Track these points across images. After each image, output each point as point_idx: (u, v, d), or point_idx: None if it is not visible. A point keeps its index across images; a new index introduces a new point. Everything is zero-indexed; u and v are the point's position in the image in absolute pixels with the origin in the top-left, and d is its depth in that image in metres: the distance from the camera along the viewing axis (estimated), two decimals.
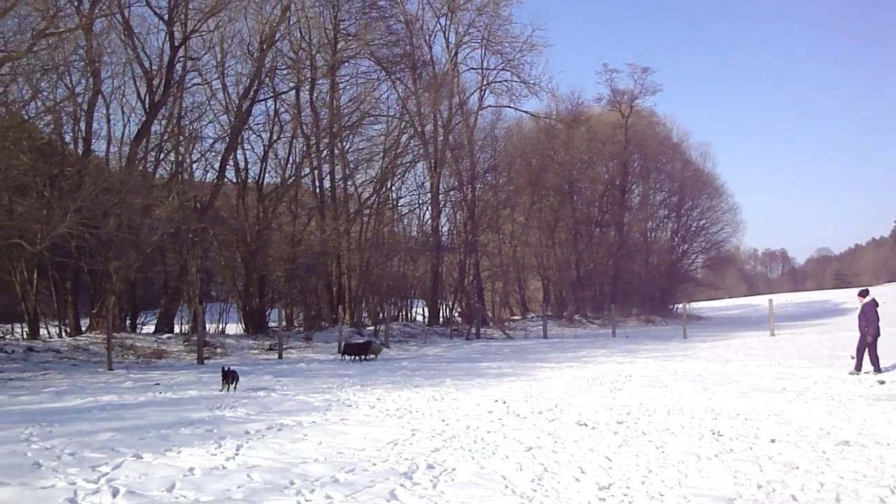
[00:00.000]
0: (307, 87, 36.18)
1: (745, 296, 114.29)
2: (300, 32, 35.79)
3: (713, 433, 10.55)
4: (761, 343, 28.29)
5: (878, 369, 17.08)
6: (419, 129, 42.12)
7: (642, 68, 63.08)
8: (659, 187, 69.94)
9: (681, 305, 49.94)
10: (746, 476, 8.10)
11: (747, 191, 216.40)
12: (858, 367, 17.33)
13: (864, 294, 18.10)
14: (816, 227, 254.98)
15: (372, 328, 35.64)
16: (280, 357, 25.66)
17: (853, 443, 9.70)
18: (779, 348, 25.17)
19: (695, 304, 69.25)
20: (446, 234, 47.67)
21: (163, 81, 29.28)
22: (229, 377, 15.32)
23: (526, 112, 52.40)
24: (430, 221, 45.33)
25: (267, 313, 33.46)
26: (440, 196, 44.96)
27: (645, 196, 67.83)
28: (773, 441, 9.96)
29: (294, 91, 35.92)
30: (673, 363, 21.11)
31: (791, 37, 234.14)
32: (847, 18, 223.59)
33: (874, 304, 17.67)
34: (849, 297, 61.30)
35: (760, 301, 65.98)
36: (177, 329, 30.56)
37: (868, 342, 17.32)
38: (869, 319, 17.35)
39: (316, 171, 37.13)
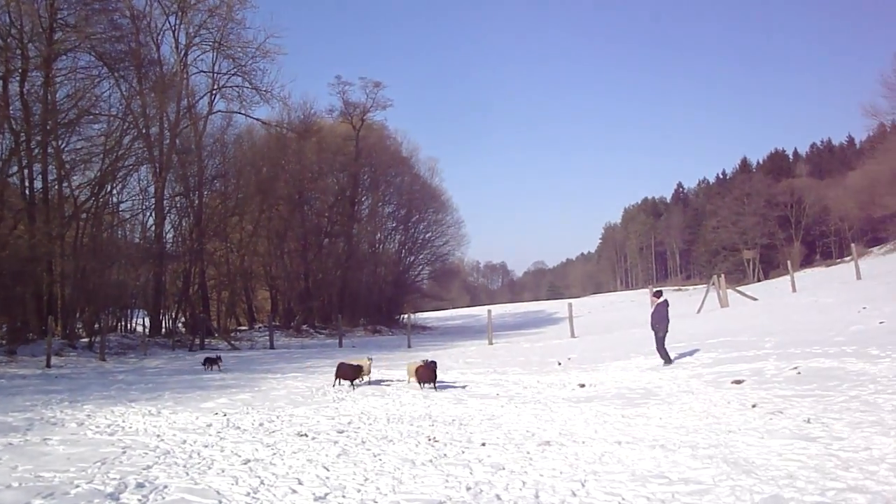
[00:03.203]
0: (17, 77, 33.35)
1: (468, 306, 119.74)
2: (9, 17, 32.85)
3: (429, 439, 11.00)
4: (480, 351, 29.73)
5: (668, 361, 18.71)
6: (144, 131, 40.27)
7: (374, 83, 64.49)
8: (388, 200, 71.74)
9: (406, 315, 51.32)
10: (457, 479, 8.53)
11: (471, 206, 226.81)
12: (668, 360, 18.82)
13: (658, 295, 19.87)
14: (533, 242, 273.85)
15: (86, 340, 33.44)
16: None
17: (554, 442, 10.50)
18: (495, 356, 26.57)
19: (420, 315, 71.58)
20: (171, 241, 45.83)
21: None
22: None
23: (257, 119, 51.86)
24: (153, 228, 43.44)
25: None
26: (165, 202, 43.23)
27: (374, 208, 69.21)
28: (483, 444, 10.56)
29: (1, 81, 32.95)
30: (396, 372, 21.66)
31: (510, 61, 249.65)
32: (566, 42, 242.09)
33: (666, 304, 19.45)
34: (560, 308, 65.96)
35: (481, 311, 69.35)
36: None
37: (659, 337, 18.95)
38: (661, 317, 19.05)
39: (26, 170, 34.26)
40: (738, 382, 14.55)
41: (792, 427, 10.35)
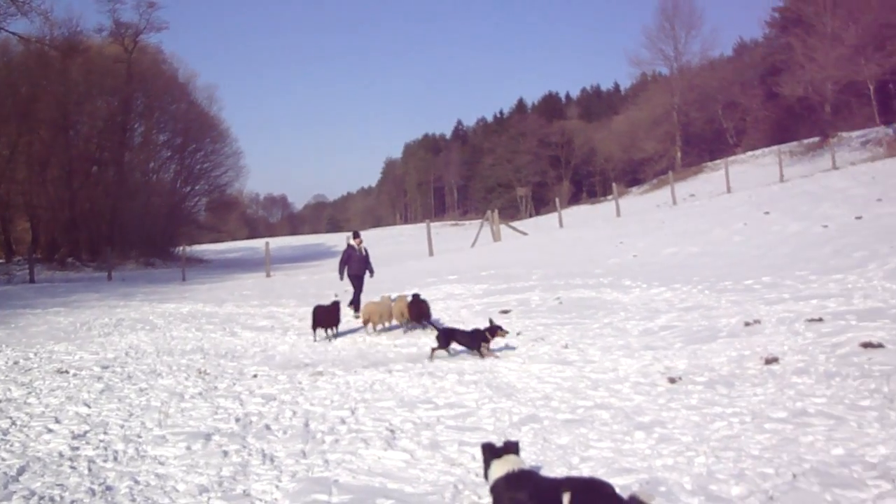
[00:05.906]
0: None
1: (246, 239, 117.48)
2: None
3: (199, 372, 10.86)
4: (257, 284, 29.39)
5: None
6: None
7: (148, 2, 61.07)
8: (163, 127, 68.58)
9: (182, 248, 49.69)
10: (227, 411, 8.52)
11: (251, 137, 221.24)
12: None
13: (358, 236, 17.95)
14: (314, 175, 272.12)
15: None
16: None
17: (326, 372, 10.69)
18: (272, 289, 26.37)
19: (197, 247, 69.31)
20: None
21: None
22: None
23: (14, 34, 47.19)
24: None
25: None
26: None
27: (148, 135, 66.02)
28: (255, 376, 10.59)
29: None
30: (169, 305, 21.09)
31: None
32: None
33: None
34: (340, 241, 66.19)
35: (260, 244, 68.28)
36: None
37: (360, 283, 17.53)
38: (367, 261, 17.44)
39: None
40: (506, 312, 15.32)
41: (551, 353, 11.08)
